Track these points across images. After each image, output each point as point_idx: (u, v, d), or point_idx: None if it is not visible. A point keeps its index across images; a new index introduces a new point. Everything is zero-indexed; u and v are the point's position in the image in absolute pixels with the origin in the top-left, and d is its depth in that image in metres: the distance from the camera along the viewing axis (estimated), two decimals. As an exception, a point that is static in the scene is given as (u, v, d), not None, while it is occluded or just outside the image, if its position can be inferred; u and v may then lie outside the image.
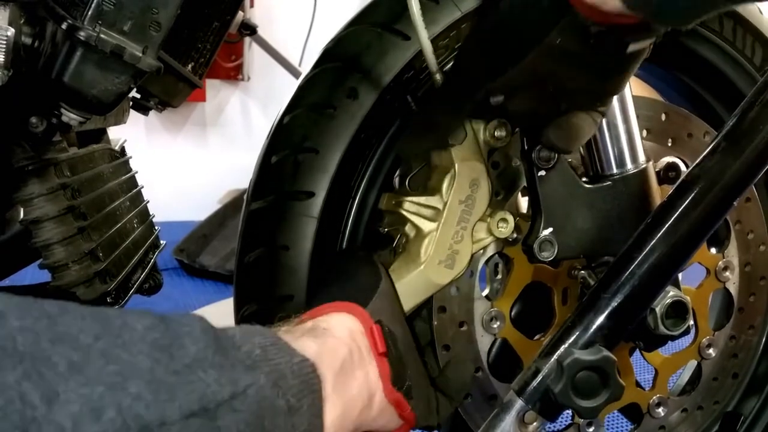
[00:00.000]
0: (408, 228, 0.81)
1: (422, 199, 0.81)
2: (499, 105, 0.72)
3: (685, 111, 0.95)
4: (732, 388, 1.00)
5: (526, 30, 0.66)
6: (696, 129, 0.94)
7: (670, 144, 0.92)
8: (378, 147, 0.82)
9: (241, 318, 0.82)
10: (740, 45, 0.96)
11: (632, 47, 0.62)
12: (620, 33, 0.61)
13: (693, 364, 0.99)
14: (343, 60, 0.81)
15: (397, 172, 0.86)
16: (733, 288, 0.96)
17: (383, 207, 0.84)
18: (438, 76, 0.77)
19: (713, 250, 0.96)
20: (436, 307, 0.82)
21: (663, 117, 0.92)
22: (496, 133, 0.80)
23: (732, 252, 0.95)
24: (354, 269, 0.78)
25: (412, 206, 0.81)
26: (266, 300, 0.81)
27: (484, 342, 0.85)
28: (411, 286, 0.79)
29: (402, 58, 0.81)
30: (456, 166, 0.79)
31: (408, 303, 0.80)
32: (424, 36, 0.75)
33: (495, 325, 0.85)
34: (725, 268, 0.95)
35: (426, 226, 0.80)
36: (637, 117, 0.89)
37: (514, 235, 0.82)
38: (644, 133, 0.91)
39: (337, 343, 0.64)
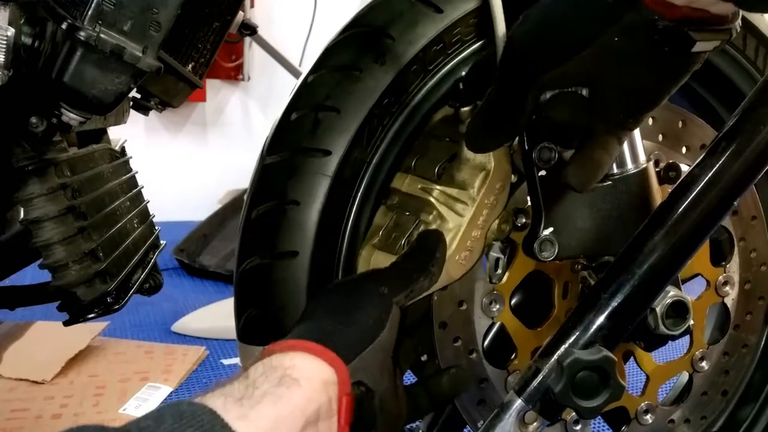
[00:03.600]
0: (432, 217, 0.80)
1: (454, 192, 0.79)
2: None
3: (701, 121, 0.94)
4: (720, 405, 0.99)
5: (581, 25, 0.64)
6: (710, 140, 0.93)
7: (684, 152, 0.92)
8: (404, 109, 0.81)
9: (242, 271, 0.81)
10: (751, 54, 0.96)
11: (698, 46, 0.61)
12: (690, 28, 0.60)
13: (685, 376, 0.98)
14: (374, 26, 0.81)
15: (418, 156, 0.84)
16: (731, 304, 0.96)
17: (403, 188, 0.82)
18: (501, 44, 0.75)
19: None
20: None
21: (680, 124, 0.92)
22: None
23: (733, 268, 0.95)
24: (359, 308, 0.71)
25: (442, 196, 0.80)
26: (270, 254, 0.80)
27: (481, 324, 0.85)
28: None
29: (432, 30, 0.81)
30: (492, 164, 0.78)
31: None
32: (501, 28, 0.74)
33: (494, 309, 0.85)
34: (725, 283, 0.95)
35: (453, 219, 0.79)
36: (655, 120, 0.90)
37: (523, 220, 0.82)
38: (660, 137, 0.92)
39: (305, 399, 0.58)
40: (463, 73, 0.83)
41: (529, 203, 0.83)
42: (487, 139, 0.77)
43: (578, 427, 0.90)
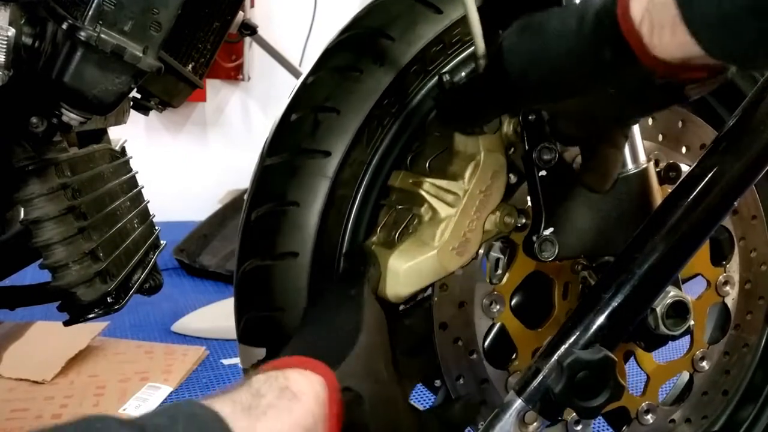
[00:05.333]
0: (424, 209, 0.80)
1: (444, 183, 0.80)
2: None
3: (701, 121, 0.94)
4: (721, 405, 0.99)
5: (578, 77, 0.62)
6: (709, 140, 0.93)
7: (684, 151, 0.92)
8: (404, 110, 0.81)
9: (242, 273, 0.81)
10: None
11: (694, 95, 0.61)
12: (687, 86, 0.59)
13: (685, 375, 0.98)
14: (373, 27, 0.80)
15: (413, 153, 0.84)
16: (731, 303, 0.96)
17: (396, 184, 0.83)
18: (482, 62, 0.74)
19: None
20: (438, 284, 0.82)
21: (680, 124, 0.92)
22: (518, 129, 0.80)
23: (734, 267, 0.95)
24: (338, 314, 0.74)
25: (432, 188, 0.80)
26: (270, 255, 0.80)
27: (481, 325, 0.85)
28: (421, 268, 0.79)
29: (432, 31, 0.81)
30: (482, 155, 0.78)
31: (414, 285, 0.79)
32: (475, 17, 0.73)
33: (494, 309, 0.85)
34: (726, 283, 0.95)
35: (444, 210, 0.79)
36: (654, 120, 0.90)
37: (522, 221, 0.82)
38: (660, 137, 0.92)
39: (303, 412, 0.61)
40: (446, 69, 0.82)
41: (530, 204, 0.83)
42: (453, 121, 0.79)
43: (579, 428, 0.90)
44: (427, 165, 0.83)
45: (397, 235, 0.83)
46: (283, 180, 0.80)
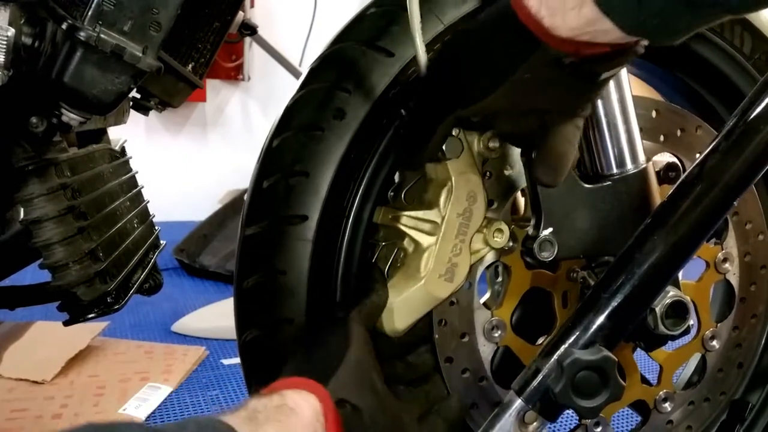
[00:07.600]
0: (406, 242, 0.81)
1: (420, 213, 0.80)
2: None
3: (675, 107, 0.94)
4: (738, 378, 0.99)
5: (492, 67, 0.65)
6: (688, 124, 0.93)
7: (662, 140, 0.92)
8: (372, 160, 0.82)
9: (243, 343, 0.82)
10: (729, 35, 0.95)
11: (605, 75, 0.63)
12: (593, 63, 0.61)
13: (697, 357, 0.98)
14: (329, 80, 0.81)
15: (393, 186, 0.85)
16: (733, 279, 0.96)
17: (379, 221, 0.83)
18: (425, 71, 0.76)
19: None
20: (437, 321, 0.82)
21: (654, 114, 0.91)
22: (490, 144, 0.80)
23: (731, 243, 0.95)
24: (325, 335, 0.76)
25: (409, 221, 0.80)
26: (267, 324, 0.81)
27: (486, 351, 0.85)
28: (412, 301, 0.79)
29: (387, 75, 0.80)
30: (453, 179, 0.78)
31: (408, 318, 0.80)
32: (417, 34, 0.74)
33: (496, 334, 0.85)
34: (725, 260, 0.95)
35: (425, 240, 0.79)
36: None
37: (510, 244, 0.82)
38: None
39: (302, 426, 0.62)
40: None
41: (516, 221, 0.84)
42: (413, 154, 0.80)
43: (599, 429, 0.90)
44: (402, 197, 0.83)
45: (386, 271, 0.83)
46: (266, 249, 0.80)
